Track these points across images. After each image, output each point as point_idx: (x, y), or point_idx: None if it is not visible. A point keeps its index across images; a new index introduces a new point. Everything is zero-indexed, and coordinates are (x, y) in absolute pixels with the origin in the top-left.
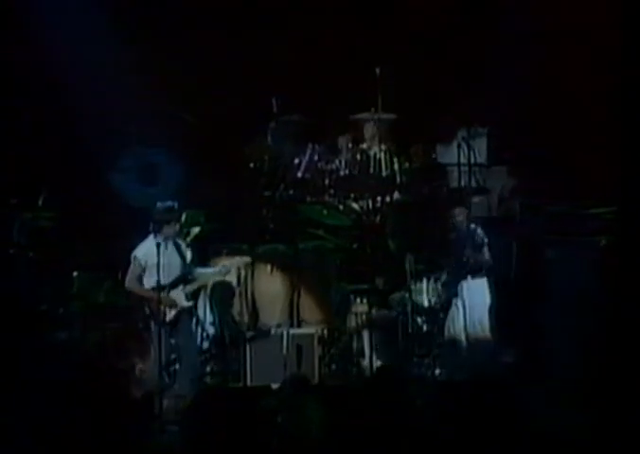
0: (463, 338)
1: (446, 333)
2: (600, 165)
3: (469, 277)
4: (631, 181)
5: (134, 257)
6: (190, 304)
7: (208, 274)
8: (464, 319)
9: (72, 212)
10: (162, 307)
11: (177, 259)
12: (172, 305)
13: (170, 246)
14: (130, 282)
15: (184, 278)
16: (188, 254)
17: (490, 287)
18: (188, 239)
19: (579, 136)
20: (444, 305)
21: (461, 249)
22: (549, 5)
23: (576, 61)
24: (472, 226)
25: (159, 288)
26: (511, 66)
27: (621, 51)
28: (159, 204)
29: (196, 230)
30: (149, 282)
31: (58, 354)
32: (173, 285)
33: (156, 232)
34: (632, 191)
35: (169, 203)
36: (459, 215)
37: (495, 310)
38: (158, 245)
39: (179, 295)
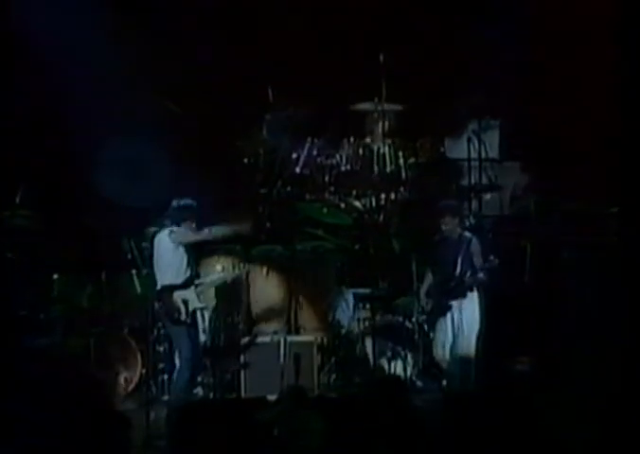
0: (469, 347)
1: (453, 341)
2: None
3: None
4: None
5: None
6: (203, 305)
7: (219, 277)
8: (466, 327)
9: (52, 210)
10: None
11: (186, 260)
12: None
13: (177, 244)
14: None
15: (192, 279)
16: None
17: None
18: None
19: (599, 129)
20: (450, 311)
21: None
22: None
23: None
24: (467, 234)
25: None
26: (525, 55)
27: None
28: (174, 202)
29: None
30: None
31: (38, 361)
32: (183, 285)
33: (171, 228)
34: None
35: (187, 201)
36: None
37: (508, 318)
38: (163, 240)
39: (191, 295)
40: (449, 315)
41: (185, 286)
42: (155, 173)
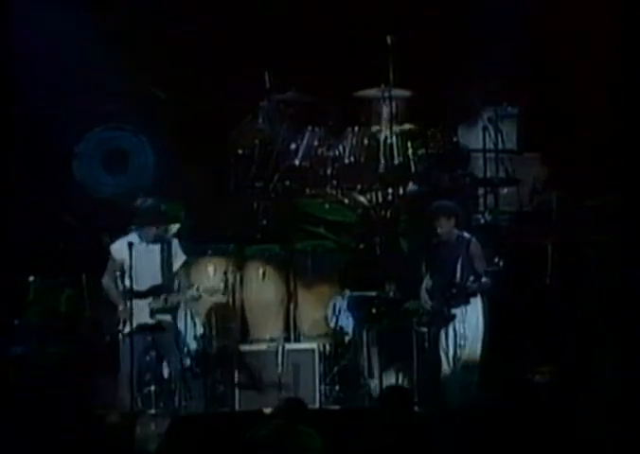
0: (472, 359)
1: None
2: None
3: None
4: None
5: (109, 251)
6: (168, 317)
7: (179, 296)
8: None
9: (27, 206)
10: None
11: (155, 265)
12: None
13: (153, 247)
14: (105, 279)
15: (157, 289)
16: (176, 262)
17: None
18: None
19: (628, 117)
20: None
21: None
22: None
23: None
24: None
25: (131, 292)
26: (546, 35)
27: None
28: (139, 201)
29: (174, 227)
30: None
31: (12, 370)
32: (144, 294)
33: (137, 229)
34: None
35: (151, 202)
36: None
37: (527, 324)
38: (133, 243)
39: (145, 309)
40: (450, 324)
41: (150, 294)
42: (140, 165)
